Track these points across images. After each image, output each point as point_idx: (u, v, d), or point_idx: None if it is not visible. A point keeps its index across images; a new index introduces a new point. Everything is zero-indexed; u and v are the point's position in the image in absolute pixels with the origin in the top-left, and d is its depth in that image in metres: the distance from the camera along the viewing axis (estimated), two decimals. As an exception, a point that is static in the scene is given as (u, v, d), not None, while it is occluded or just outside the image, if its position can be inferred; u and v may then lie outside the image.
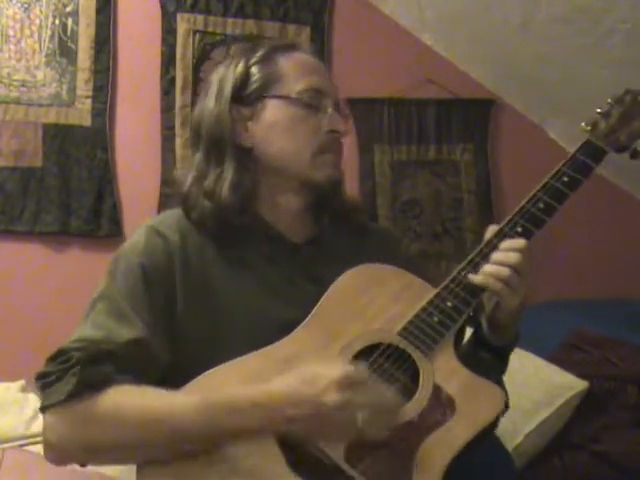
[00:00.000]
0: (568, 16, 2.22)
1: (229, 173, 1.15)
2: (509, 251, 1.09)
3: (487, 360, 1.15)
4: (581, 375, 1.95)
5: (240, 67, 1.19)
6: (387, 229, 1.42)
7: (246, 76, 1.18)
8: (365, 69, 2.74)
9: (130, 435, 0.98)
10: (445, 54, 2.80)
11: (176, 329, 1.09)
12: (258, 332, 1.08)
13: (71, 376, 0.99)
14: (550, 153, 2.74)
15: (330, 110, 1.19)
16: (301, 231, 1.21)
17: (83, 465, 1.07)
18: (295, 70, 1.19)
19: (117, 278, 1.11)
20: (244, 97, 1.18)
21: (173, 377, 1.05)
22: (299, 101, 1.16)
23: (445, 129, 2.80)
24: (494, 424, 1.04)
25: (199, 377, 1.03)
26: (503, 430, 1.15)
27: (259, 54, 1.20)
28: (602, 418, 1.92)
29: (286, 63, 1.19)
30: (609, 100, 1.21)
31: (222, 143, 1.17)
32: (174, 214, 1.20)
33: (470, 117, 2.81)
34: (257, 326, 1.10)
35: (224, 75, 1.20)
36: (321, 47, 2.69)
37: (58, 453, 1.03)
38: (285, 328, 1.08)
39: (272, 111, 1.17)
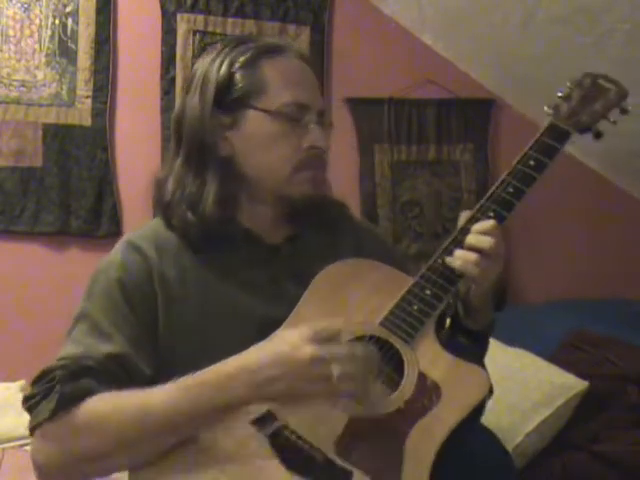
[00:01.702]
0: (568, 16, 2.22)
1: (213, 186, 1.13)
2: (480, 234, 1.09)
3: (465, 345, 1.16)
4: (581, 375, 1.95)
5: (224, 69, 1.14)
6: (358, 220, 1.41)
7: (229, 81, 1.14)
8: (365, 69, 2.75)
9: (114, 437, 0.98)
10: (445, 54, 2.80)
11: (158, 340, 1.09)
12: (244, 334, 1.07)
13: (54, 394, 0.99)
14: (550, 153, 2.74)
15: (312, 125, 1.14)
16: (279, 232, 1.20)
17: None
18: (279, 80, 1.14)
19: (95, 296, 1.10)
20: (225, 104, 1.14)
21: None
22: (280, 116, 1.12)
23: (445, 129, 2.80)
24: (481, 406, 1.05)
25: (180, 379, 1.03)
26: (503, 430, 1.15)
27: (244, 58, 1.15)
28: (602, 418, 1.92)
29: (270, 71, 1.14)
30: (568, 84, 1.23)
31: (203, 151, 1.15)
32: (150, 226, 1.19)
33: (470, 117, 2.82)
34: (243, 328, 1.09)
35: (207, 72, 1.16)
36: (321, 47, 2.69)
37: (48, 473, 1.02)
38: (271, 328, 1.07)
39: (252, 123, 1.14)
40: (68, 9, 2.47)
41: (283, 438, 0.98)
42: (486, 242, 1.08)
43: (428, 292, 1.09)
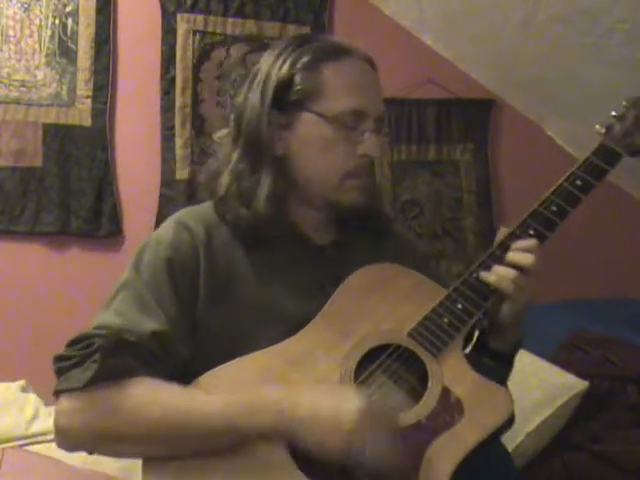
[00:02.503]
0: (568, 16, 2.22)
1: (266, 183, 1.14)
2: (522, 252, 1.08)
3: (490, 367, 1.14)
4: (581, 375, 1.95)
5: (285, 69, 1.14)
6: (404, 233, 1.41)
7: (289, 81, 1.14)
8: (365, 69, 2.74)
9: (149, 430, 0.98)
10: (445, 54, 2.80)
11: (197, 323, 1.09)
12: (278, 330, 1.08)
13: (91, 363, 0.99)
14: (550, 153, 2.74)
15: (367, 134, 1.14)
16: (326, 234, 1.21)
17: (91, 452, 1.06)
18: (339, 86, 1.14)
19: (142, 269, 1.11)
20: (283, 103, 1.15)
21: (190, 372, 1.05)
22: (336, 122, 1.12)
23: (445, 129, 2.80)
24: (503, 428, 1.04)
25: (212, 370, 1.03)
26: (503, 430, 1.14)
27: (306, 59, 1.14)
28: (602, 418, 1.92)
29: (332, 75, 1.14)
30: (624, 103, 1.19)
31: (260, 147, 1.15)
32: (201, 208, 1.20)
33: (470, 117, 2.82)
34: (277, 324, 1.09)
35: (270, 70, 1.16)
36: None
37: (69, 439, 1.02)
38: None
39: (308, 126, 1.14)
40: (68, 9, 2.47)
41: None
42: (527, 260, 1.07)
43: (460, 306, 1.08)
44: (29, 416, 1.95)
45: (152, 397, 0.99)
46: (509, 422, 1.05)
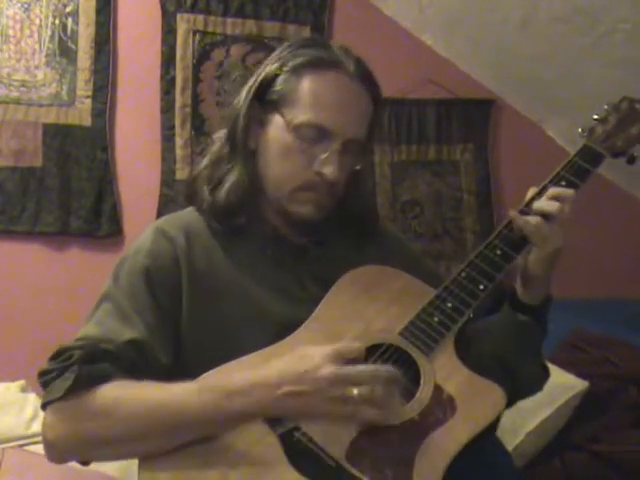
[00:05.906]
0: (568, 16, 2.22)
1: (234, 174, 1.16)
2: (547, 200, 1.11)
3: (528, 323, 1.15)
4: (581, 375, 1.95)
5: (273, 68, 1.16)
6: (391, 230, 1.41)
7: (273, 81, 1.15)
8: (365, 69, 2.75)
9: (128, 426, 0.98)
10: (445, 54, 2.80)
11: (181, 331, 1.10)
12: (265, 334, 1.08)
13: (70, 373, 1.00)
14: (550, 153, 2.74)
15: (327, 153, 1.12)
16: (307, 233, 1.21)
17: (85, 464, 1.07)
18: (311, 97, 1.13)
19: (120, 279, 1.11)
20: (263, 100, 1.16)
21: (174, 380, 1.05)
22: (295, 133, 1.12)
23: (445, 129, 2.80)
24: (495, 423, 1.05)
25: (199, 377, 1.03)
26: (503, 430, 1.15)
27: (293, 63, 1.15)
28: (602, 418, 1.92)
29: (308, 85, 1.13)
30: (605, 107, 1.22)
31: (236, 139, 1.17)
32: (182, 215, 1.20)
33: (470, 117, 2.81)
34: (264, 328, 1.10)
35: (264, 66, 1.18)
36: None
37: (57, 451, 1.03)
38: (292, 330, 1.08)
39: (274, 129, 1.15)
40: (68, 9, 2.47)
41: (295, 439, 0.98)
42: (549, 207, 1.10)
43: (449, 305, 1.09)
44: (29, 416, 1.95)
45: (127, 394, 1.00)
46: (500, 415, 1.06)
